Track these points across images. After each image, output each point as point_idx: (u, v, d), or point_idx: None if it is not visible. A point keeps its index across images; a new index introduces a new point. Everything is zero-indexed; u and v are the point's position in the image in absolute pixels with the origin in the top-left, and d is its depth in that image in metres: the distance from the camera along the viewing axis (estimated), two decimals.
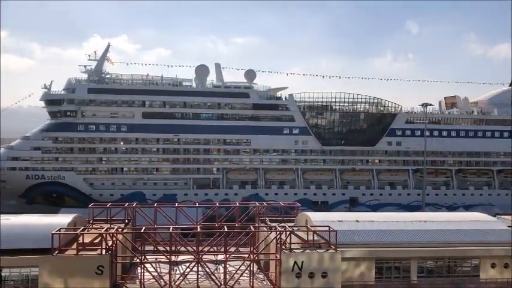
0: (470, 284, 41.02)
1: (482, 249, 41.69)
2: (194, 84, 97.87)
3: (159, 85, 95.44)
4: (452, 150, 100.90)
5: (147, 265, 37.78)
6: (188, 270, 37.18)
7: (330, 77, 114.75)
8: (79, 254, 35.50)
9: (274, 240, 38.58)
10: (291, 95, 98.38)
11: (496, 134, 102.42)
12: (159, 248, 39.06)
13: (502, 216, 56.41)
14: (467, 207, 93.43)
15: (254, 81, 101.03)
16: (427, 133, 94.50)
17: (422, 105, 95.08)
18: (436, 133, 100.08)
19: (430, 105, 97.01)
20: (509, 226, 47.71)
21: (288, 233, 38.35)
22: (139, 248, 38.69)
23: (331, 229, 38.57)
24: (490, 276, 41.62)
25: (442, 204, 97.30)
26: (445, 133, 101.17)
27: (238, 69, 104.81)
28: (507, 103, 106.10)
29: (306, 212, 47.77)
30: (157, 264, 38.40)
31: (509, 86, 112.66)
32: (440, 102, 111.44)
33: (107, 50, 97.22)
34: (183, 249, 41.11)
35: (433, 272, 41.73)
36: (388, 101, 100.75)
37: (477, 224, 44.64)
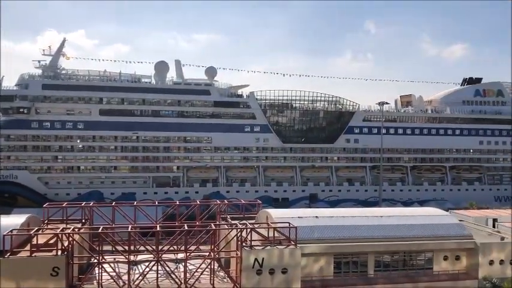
0: (424, 277, 42.61)
1: (435, 243, 43.38)
2: (153, 81, 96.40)
3: (117, 81, 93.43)
4: (407, 148, 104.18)
5: (105, 265, 37.04)
6: (147, 269, 36.71)
7: (290, 76, 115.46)
8: (33, 255, 34.35)
9: (235, 238, 38.69)
10: (252, 93, 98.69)
11: (449, 132, 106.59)
12: (117, 247, 38.36)
13: (454, 211, 59.00)
14: (422, 203, 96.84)
15: (215, 79, 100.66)
16: (384, 131, 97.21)
17: (379, 103, 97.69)
18: (392, 131, 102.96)
19: (387, 103, 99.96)
20: (460, 220, 49.93)
21: (248, 230, 38.54)
22: (97, 248, 37.85)
23: (291, 225, 39.06)
24: (443, 268, 43.40)
25: (398, 199, 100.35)
26: (400, 131, 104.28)
27: (198, 66, 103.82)
28: (459, 102, 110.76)
29: (266, 209, 48.15)
30: (115, 264, 37.72)
31: (461, 85, 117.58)
32: (396, 101, 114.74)
33: (62, 45, 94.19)
34: (142, 248, 40.60)
35: (389, 266, 43.06)
36: (347, 100, 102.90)
37: (431, 219, 46.37)
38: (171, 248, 39.51)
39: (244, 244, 37.96)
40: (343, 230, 42.57)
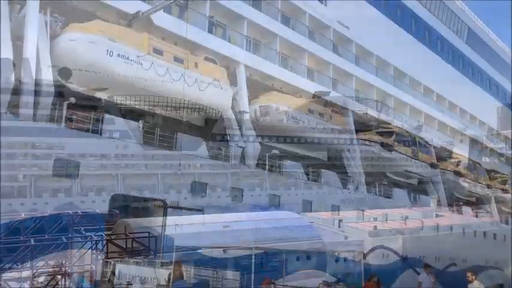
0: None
1: (288, 245, 46.01)
2: None
3: None
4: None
5: None
6: None
7: None
8: None
9: (90, 251, 36.38)
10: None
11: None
12: None
13: (306, 213, 63.49)
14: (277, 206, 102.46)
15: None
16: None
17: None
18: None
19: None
20: (311, 222, 53.92)
21: (104, 242, 36.56)
22: None
23: (151, 235, 38.05)
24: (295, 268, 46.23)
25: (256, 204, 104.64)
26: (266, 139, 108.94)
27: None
28: None
29: (125, 219, 46.22)
30: None
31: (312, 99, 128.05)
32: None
33: None
34: None
35: None
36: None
37: (284, 222, 49.09)
38: (14, 266, 35.51)
39: (99, 257, 35.89)
40: (204, 236, 42.85)
